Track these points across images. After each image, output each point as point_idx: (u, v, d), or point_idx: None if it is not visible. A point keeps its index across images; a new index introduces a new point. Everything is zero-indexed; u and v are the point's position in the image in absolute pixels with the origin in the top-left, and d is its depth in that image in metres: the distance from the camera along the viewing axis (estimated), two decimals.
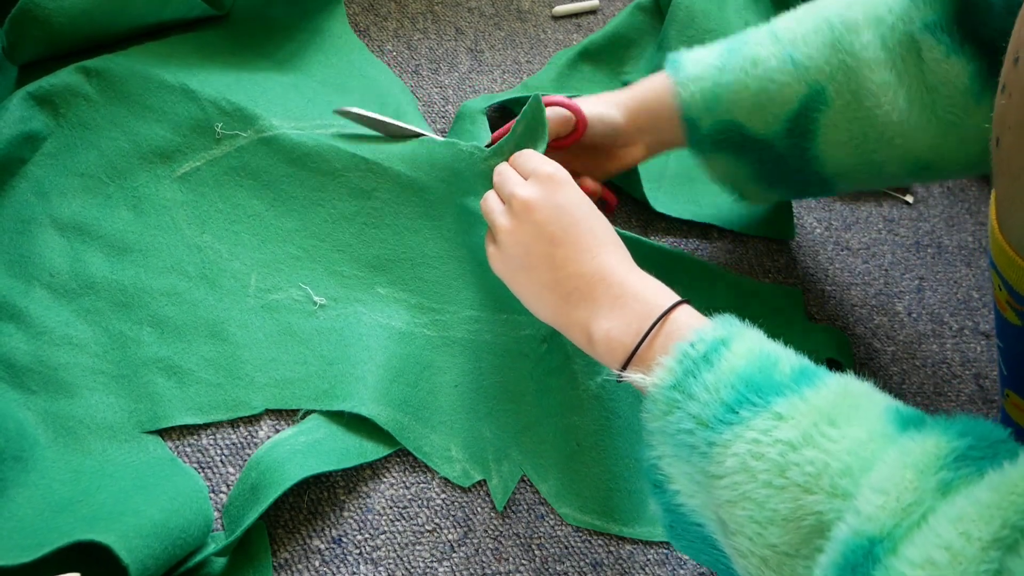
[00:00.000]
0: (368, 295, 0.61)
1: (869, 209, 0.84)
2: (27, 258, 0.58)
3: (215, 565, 0.49)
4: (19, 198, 0.60)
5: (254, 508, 0.49)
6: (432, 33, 0.81)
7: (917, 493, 0.34)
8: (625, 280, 0.48)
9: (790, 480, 0.37)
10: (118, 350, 0.56)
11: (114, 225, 0.60)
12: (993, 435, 0.36)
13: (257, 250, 0.61)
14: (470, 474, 0.57)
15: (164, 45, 0.67)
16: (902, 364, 0.73)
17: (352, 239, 0.63)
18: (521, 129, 0.59)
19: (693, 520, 0.44)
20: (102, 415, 0.53)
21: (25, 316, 0.55)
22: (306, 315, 0.60)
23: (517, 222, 0.51)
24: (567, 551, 0.56)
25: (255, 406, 0.56)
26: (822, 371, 0.41)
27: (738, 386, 0.40)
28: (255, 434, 0.55)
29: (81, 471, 0.51)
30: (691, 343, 0.43)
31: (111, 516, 0.45)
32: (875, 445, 0.36)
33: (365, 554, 0.53)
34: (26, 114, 0.60)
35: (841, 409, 0.38)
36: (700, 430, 0.40)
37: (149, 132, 0.63)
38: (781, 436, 0.38)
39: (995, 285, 0.48)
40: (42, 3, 0.60)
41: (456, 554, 0.54)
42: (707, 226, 0.76)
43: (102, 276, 0.58)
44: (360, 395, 0.56)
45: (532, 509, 0.57)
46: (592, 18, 0.89)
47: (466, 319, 0.62)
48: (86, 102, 0.62)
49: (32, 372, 0.54)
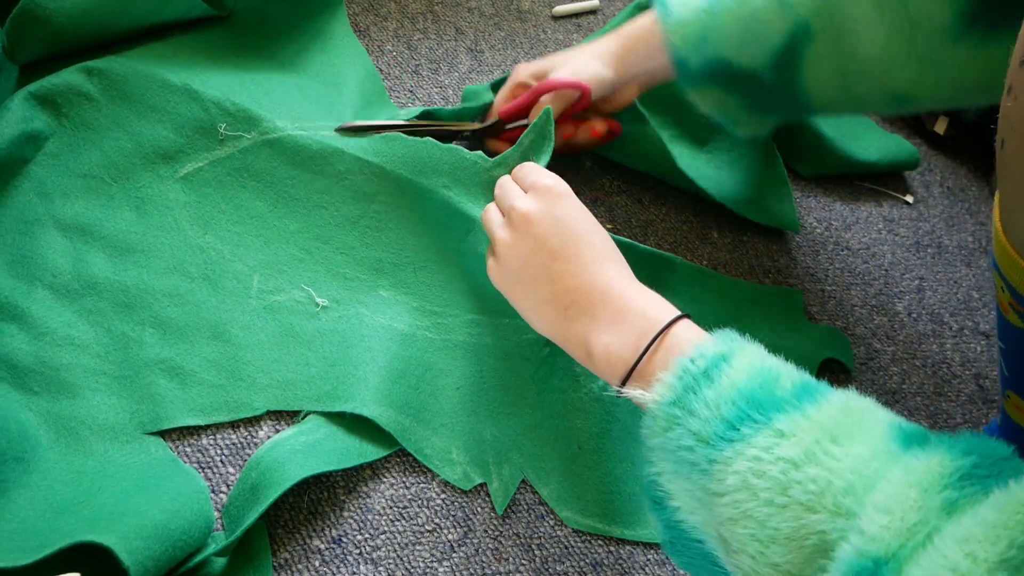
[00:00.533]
0: (370, 297, 0.61)
1: (869, 209, 0.84)
2: (29, 259, 0.58)
3: (215, 565, 0.49)
4: (22, 198, 0.60)
5: (254, 508, 0.49)
6: (432, 33, 0.81)
7: (922, 513, 0.33)
8: (624, 294, 0.48)
9: (792, 498, 0.36)
10: (120, 351, 0.56)
11: (116, 226, 0.60)
12: (997, 452, 0.36)
13: (260, 251, 0.61)
14: (471, 477, 0.57)
15: (166, 46, 0.67)
16: (902, 364, 0.73)
17: (355, 241, 0.63)
18: (528, 141, 0.59)
19: (693, 537, 0.44)
20: (104, 416, 0.53)
21: (27, 317, 0.55)
22: (308, 316, 0.60)
23: (516, 235, 0.51)
24: (567, 551, 0.56)
25: (257, 407, 0.56)
26: (824, 387, 0.41)
27: (739, 402, 0.40)
28: (255, 434, 0.55)
29: (83, 472, 0.51)
30: (691, 358, 0.42)
31: (112, 517, 0.45)
32: (878, 463, 0.36)
33: (365, 554, 0.53)
34: (28, 114, 0.60)
35: (843, 426, 0.38)
36: (700, 447, 0.40)
37: (152, 132, 0.62)
38: (783, 454, 0.37)
39: (998, 287, 0.48)
40: (43, 3, 0.60)
41: (456, 554, 0.54)
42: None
43: (104, 277, 0.58)
44: (362, 396, 0.56)
45: (532, 509, 0.57)
46: (592, 18, 0.90)
47: (468, 322, 0.62)
48: (88, 102, 0.62)
49: (34, 373, 0.54)
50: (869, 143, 0.86)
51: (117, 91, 0.63)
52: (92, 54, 0.65)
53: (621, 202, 0.75)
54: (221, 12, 0.70)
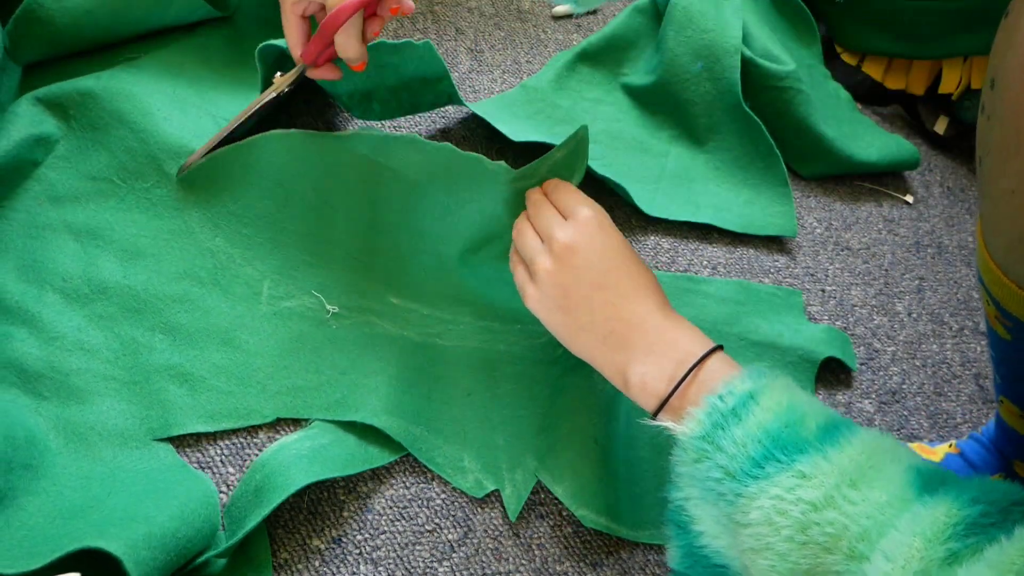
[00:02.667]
0: (380, 304, 0.61)
1: (869, 209, 0.84)
2: (40, 263, 0.57)
3: (215, 565, 0.49)
4: (32, 201, 0.60)
5: (257, 511, 0.49)
6: (432, 33, 0.81)
7: (924, 563, 0.35)
8: (661, 325, 0.49)
9: (811, 538, 0.38)
10: (130, 356, 0.56)
11: (127, 229, 0.60)
12: (1007, 498, 0.37)
13: (270, 255, 0.60)
14: (483, 484, 0.56)
15: (172, 53, 0.67)
16: (902, 364, 0.73)
17: (365, 246, 0.62)
18: (560, 157, 0.57)
19: (717, 562, 0.45)
20: (113, 422, 0.53)
21: (38, 321, 0.55)
22: (318, 323, 0.59)
23: (559, 265, 0.51)
24: (567, 551, 0.56)
25: (266, 415, 0.55)
26: (848, 426, 0.42)
27: (765, 441, 0.41)
28: (255, 434, 0.55)
29: (92, 477, 0.51)
30: (721, 396, 0.43)
31: (121, 523, 0.45)
32: (892, 510, 0.38)
33: (365, 554, 0.53)
34: (37, 117, 0.60)
35: (863, 470, 0.39)
36: (728, 480, 0.42)
37: (156, 129, 0.62)
38: (804, 496, 0.39)
39: (984, 301, 0.49)
40: (45, 3, 0.61)
41: (456, 554, 0.54)
42: (707, 226, 0.76)
43: (115, 282, 0.58)
44: (372, 406, 0.55)
45: (532, 509, 0.57)
46: (592, 18, 0.90)
47: (479, 329, 0.62)
48: (92, 100, 0.62)
49: (44, 378, 0.54)
50: (869, 143, 0.86)
51: (123, 93, 0.63)
52: (93, 54, 0.65)
53: (621, 202, 0.75)
54: (224, 12, 0.70)
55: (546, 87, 0.79)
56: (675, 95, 0.80)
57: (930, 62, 0.92)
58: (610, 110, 0.81)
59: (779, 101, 0.81)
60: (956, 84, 0.91)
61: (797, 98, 0.81)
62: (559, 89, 0.79)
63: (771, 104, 0.81)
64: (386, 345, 0.59)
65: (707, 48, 0.78)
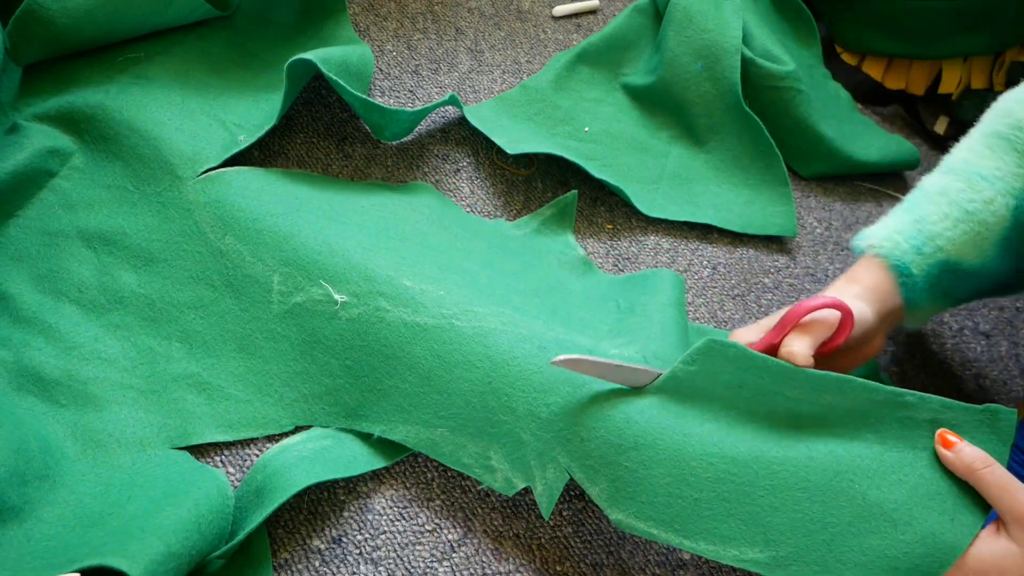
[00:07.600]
0: (391, 288, 0.58)
1: (869, 209, 0.84)
2: (56, 273, 0.58)
3: (215, 565, 0.49)
4: (47, 211, 0.60)
5: (258, 512, 0.49)
6: (432, 33, 0.81)
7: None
8: None
9: None
10: (147, 365, 0.56)
11: (139, 234, 0.60)
12: None
13: (278, 247, 0.59)
14: (513, 483, 0.53)
15: (177, 60, 0.67)
16: (902, 364, 0.73)
17: (376, 243, 0.61)
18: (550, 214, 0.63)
19: None
20: (132, 430, 0.53)
21: (54, 331, 0.56)
22: (328, 317, 0.57)
23: None
24: (567, 552, 0.56)
25: (284, 424, 0.56)
26: None
27: None
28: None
29: (111, 483, 0.51)
30: None
31: (138, 535, 0.45)
32: None
33: (365, 554, 0.53)
34: (50, 133, 0.61)
35: None
36: None
37: (169, 138, 0.62)
38: None
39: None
40: (46, 4, 0.61)
41: (456, 554, 0.54)
42: (707, 226, 0.76)
43: (130, 291, 0.58)
44: (389, 415, 0.55)
45: (532, 509, 0.57)
46: (592, 18, 0.90)
47: (497, 312, 0.58)
48: (103, 114, 0.63)
49: (61, 386, 0.54)
50: (869, 143, 0.86)
51: (135, 107, 0.63)
52: (94, 55, 0.65)
53: (621, 202, 0.75)
54: (224, 12, 0.70)
55: (546, 87, 0.79)
56: (675, 95, 0.80)
57: (930, 62, 0.92)
58: (610, 110, 0.81)
59: (779, 101, 0.81)
60: (956, 84, 0.91)
61: (797, 98, 0.81)
62: (559, 89, 0.79)
63: (771, 104, 0.81)
64: (398, 337, 0.56)
65: (707, 48, 0.78)
